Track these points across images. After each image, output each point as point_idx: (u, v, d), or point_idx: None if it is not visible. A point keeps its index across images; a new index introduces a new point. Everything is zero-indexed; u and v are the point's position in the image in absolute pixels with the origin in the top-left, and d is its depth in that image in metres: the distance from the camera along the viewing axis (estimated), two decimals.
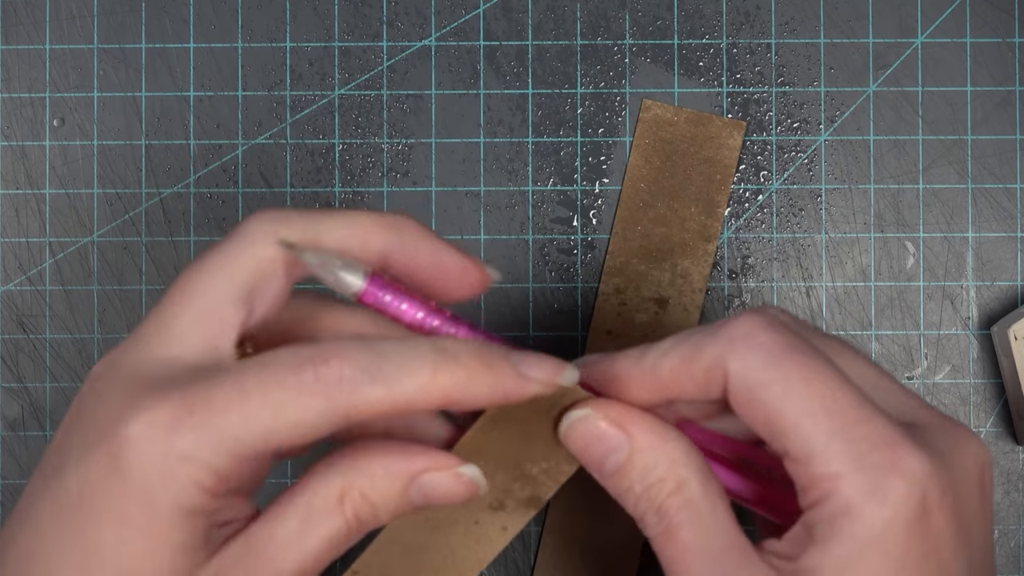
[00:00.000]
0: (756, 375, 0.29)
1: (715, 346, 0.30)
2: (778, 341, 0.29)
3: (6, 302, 0.48)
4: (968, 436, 0.30)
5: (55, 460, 0.30)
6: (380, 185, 0.48)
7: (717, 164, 0.48)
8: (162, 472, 0.28)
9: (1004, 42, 0.49)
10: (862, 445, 0.28)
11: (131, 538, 0.28)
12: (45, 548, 0.29)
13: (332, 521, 0.30)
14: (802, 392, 0.29)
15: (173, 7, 0.49)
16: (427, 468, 0.31)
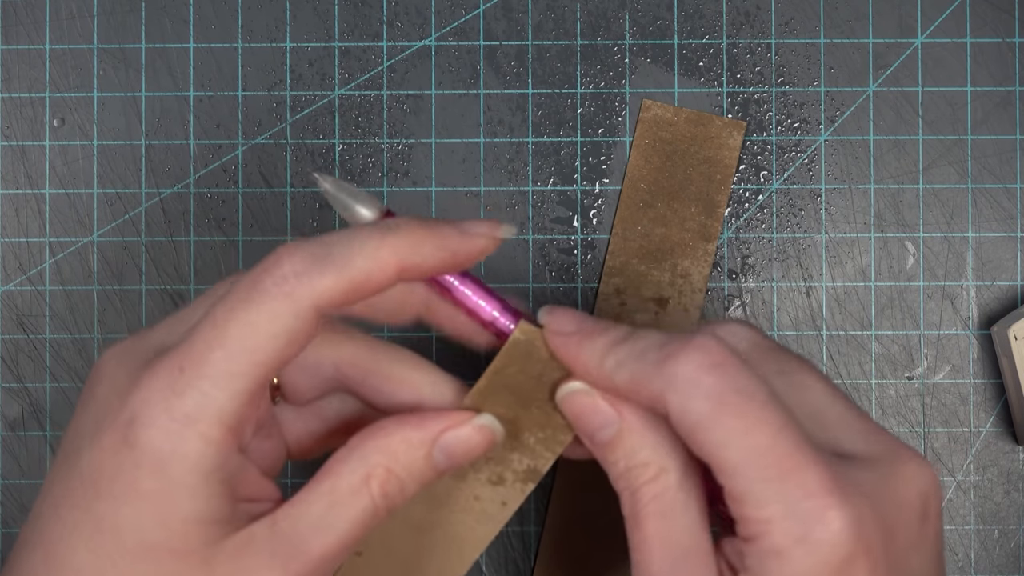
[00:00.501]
0: (694, 418, 0.30)
1: (659, 380, 0.30)
2: (720, 386, 0.30)
3: (6, 302, 0.48)
4: (912, 465, 0.31)
5: (71, 444, 0.31)
6: (380, 185, 0.48)
7: (717, 164, 0.48)
8: (170, 437, 0.29)
9: (1004, 42, 0.49)
10: (795, 493, 0.29)
11: (145, 510, 0.29)
12: (62, 531, 0.29)
13: (359, 502, 0.31)
14: (739, 441, 0.29)
15: (173, 7, 0.49)
16: (444, 429, 0.32)
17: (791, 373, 0.32)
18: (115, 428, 0.29)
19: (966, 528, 0.48)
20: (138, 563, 0.29)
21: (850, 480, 0.29)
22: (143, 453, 0.29)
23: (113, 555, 0.29)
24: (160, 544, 0.29)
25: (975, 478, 0.48)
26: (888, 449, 0.31)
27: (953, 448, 0.48)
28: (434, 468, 0.32)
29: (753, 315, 0.48)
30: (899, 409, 0.48)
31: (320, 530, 0.30)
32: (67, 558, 0.29)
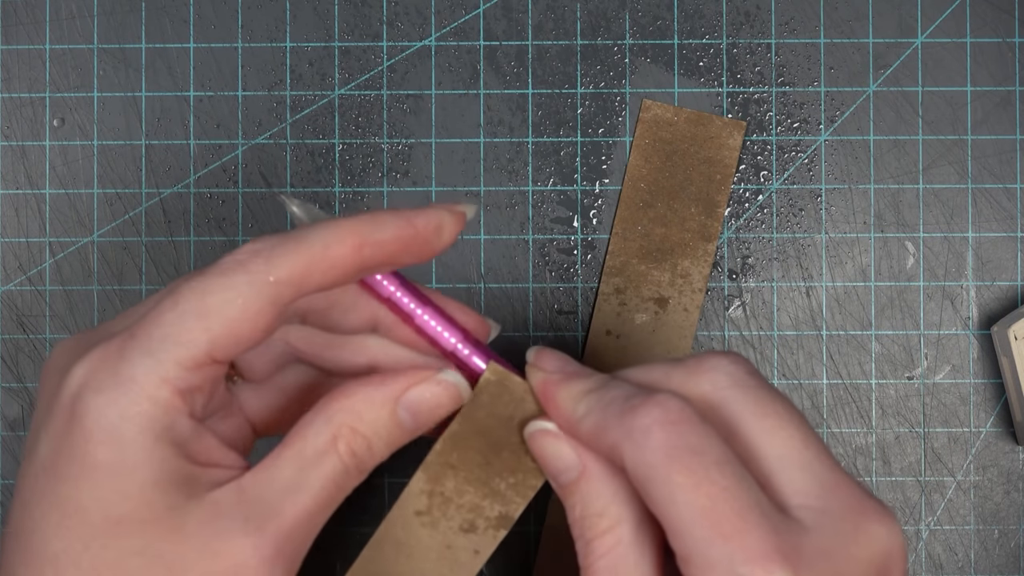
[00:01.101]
0: (644, 472, 0.30)
1: (618, 430, 0.30)
2: (672, 441, 0.29)
3: (6, 302, 0.48)
4: (871, 524, 0.30)
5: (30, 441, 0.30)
6: (380, 185, 0.48)
7: (717, 164, 0.48)
8: (116, 401, 0.28)
9: (1004, 42, 0.49)
10: (737, 556, 0.28)
11: (103, 483, 0.28)
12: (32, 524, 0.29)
13: (329, 463, 0.31)
14: (686, 498, 0.29)
15: (173, 7, 0.49)
16: (407, 386, 0.32)
17: (766, 416, 0.31)
18: (63, 406, 0.29)
19: (966, 528, 0.48)
20: (109, 539, 0.28)
21: (800, 543, 0.29)
22: (92, 423, 0.28)
23: (83, 536, 0.29)
24: (125, 516, 0.28)
25: (975, 478, 0.48)
26: (851, 506, 0.30)
27: (953, 448, 0.48)
28: (401, 427, 0.32)
29: (753, 315, 0.48)
30: (899, 409, 0.48)
31: (292, 492, 0.30)
32: (41, 549, 0.29)
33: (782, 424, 0.31)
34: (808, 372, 0.48)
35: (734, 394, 0.32)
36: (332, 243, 0.30)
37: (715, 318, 0.48)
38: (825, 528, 0.29)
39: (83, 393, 0.29)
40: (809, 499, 0.30)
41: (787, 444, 0.31)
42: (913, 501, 0.48)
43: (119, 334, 0.30)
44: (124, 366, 0.29)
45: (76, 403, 0.29)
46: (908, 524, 0.48)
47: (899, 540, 0.30)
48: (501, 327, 0.35)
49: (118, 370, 0.29)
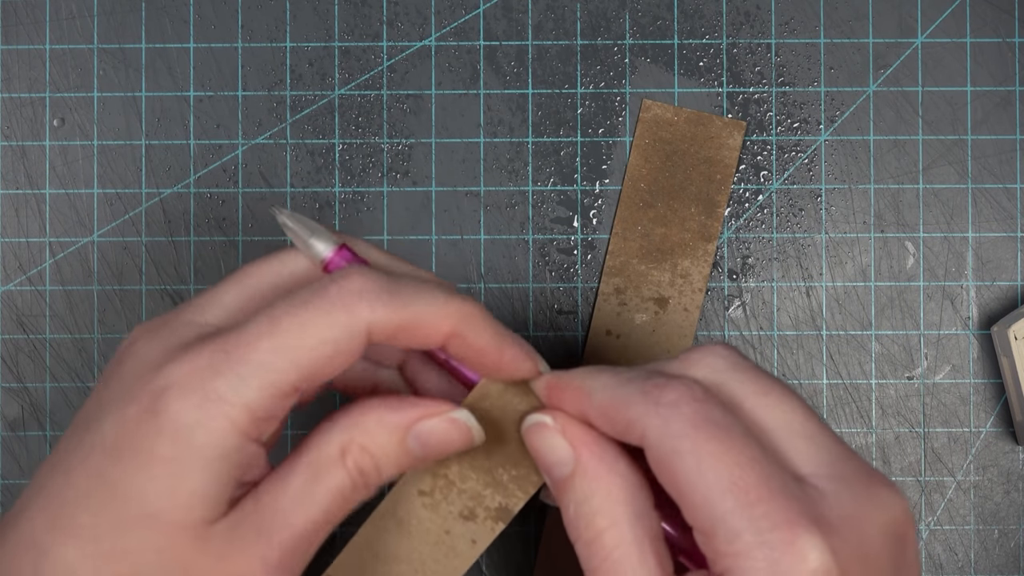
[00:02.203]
0: (671, 443, 0.30)
1: (641, 405, 0.31)
2: (699, 414, 0.30)
3: (6, 302, 0.48)
4: (883, 491, 0.31)
5: (90, 415, 0.31)
6: (380, 185, 0.48)
7: (717, 164, 0.48)
8: (197, 412, 0.29)
9: (1004, 42, 0.49)
10: (762, 523, 0.29)
11: (156, 477, 0.29)
12: (73, 496, 0.30)
13: (336, 475, 0.31)
14: (712, 467, 0.29)
15: (173, 7, 0.49)
16: (420, 417, 0.32)
17: (769, 394, 0.32)
18: (144, 397, 0.30)
19: (966, 528, 0.48)
20: (136, 530, 0.29)
21: (822, 509, 0.29)
22: (167, 421, 0.29)
23: (114, 520, 0.29)
24: (161, 513, 0.29)
25: (975, 478, 0.48)
26: (861, 474, 0.31)
27: (953, 448, 0.48)
28: (409, 454, 0.32)
29: (753, 315, 0.48)
30: (899, 409, 0.48)
31: (301, 504, 0.30)
32: (72, 521, 0.29)
33: (783, 400, 0.32)
34: (808, 372, 0.48)
35: (733, 376, 0.32)
36: (430, 319, 0.31)
37: (715, 318, 0.48)
38: (842, 494, 0.30)
39: (168, 392, 0.30)
40: (820, 468, 0.31)
41: (791, 418, 0.31)
42: (913, 501, 0.48)
43: (212, 342, 0.30)
44: (214, 381, 0.29)
45: (158, 398, 0.30)
46: None
47: (908, 509, 0.31)
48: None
49: (207, 383, 0.29)
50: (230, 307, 0.32)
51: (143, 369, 0.31)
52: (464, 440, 0.33)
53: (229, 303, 0.32)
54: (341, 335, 0.30)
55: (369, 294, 0.30)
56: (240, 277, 0.33)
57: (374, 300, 0.30)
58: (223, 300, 0.32)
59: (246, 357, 0.30)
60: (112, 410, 0.30)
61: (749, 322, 0.48)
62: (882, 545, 0.30)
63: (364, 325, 0.30)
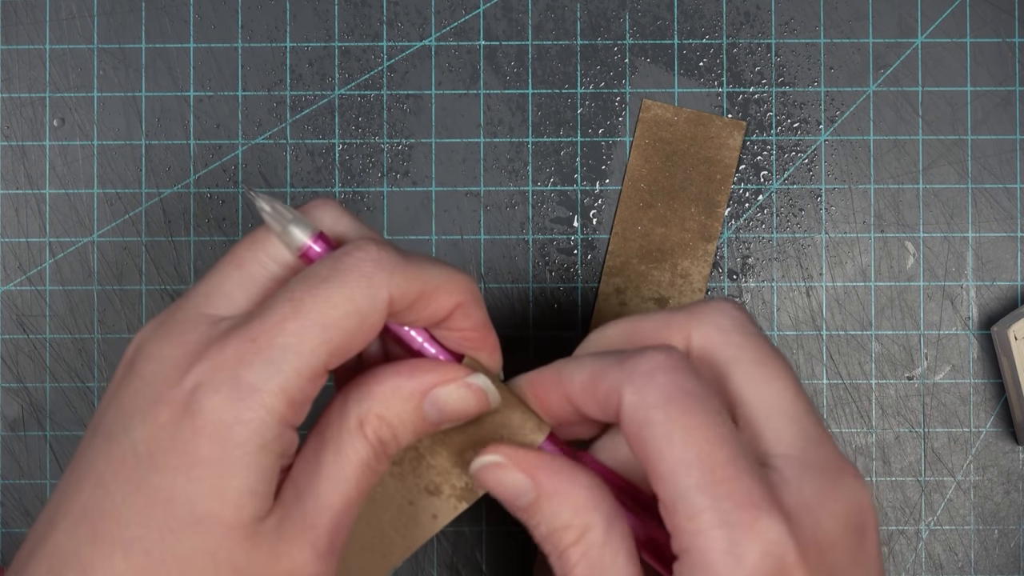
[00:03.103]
0: (644, 413, 0.30)
1: (618, 374, 0.31)
2: (675, 384, 0.30)
3: (6, 302, 0.48)
4: (847, 481, 0.31)
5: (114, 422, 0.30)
6: (380, 185, 0.48)
7: (717, 164, 0.48)
8: (233, 408, 0.29)
9: (1004, 42, 0.49)
10: (726, 503, 0.29)
11: (201, 479, 0.29)
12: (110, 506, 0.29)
13: (359, 448, 0.31)
14: (682, 440, 0.29)
15: (173, 7, 0.49)
16: (435, 383, 0.32)
17: (764, 365, 0.32)
18: (173, 400, 0.29)
19: (966, 528, 0.48)
20: (188, 535, 0.28)
21: (784, 493, 0.30)
22: (204, 420, 0.29)
23: (163, 527, 0.28)
24: (212, 515, 0.28)
25: (975, 478, 0.48)
26: (829, 462, 0.31)
27: (953, 448, 0.48)
28: (426, 420, 0.32)
29: (753, 315, 0.48)
30: (899, 409, 0.48)
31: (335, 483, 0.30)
32: (116, 533, 0.29)
33: (777, 375, 0.32)
34: (808, 372, 0.48)
35: (735, 338, 0.32)
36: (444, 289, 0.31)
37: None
38: (805, 480, 0.30)
39: (200, 391, 0.29)
40: (791, 450, 0.31)
41: (779, 394, 0.31)
42: (913, 501, 0.48)
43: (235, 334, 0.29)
44: (245, 372, 0.29)
45: (191, 400, 0.29)
46: (908, 524, 0.48)
47: (872, 502, 0.31)
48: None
49: (238, 375, 0.29)
50: (236, 296, 0.31)
51: (166, 371, 0.30)
52: (480, 405, 0.33)
53: (233, 292, 0.32)
54: (364, 305, 0.30)
55: (386, 262, 0.30)
56: (236, 262, 0.32)
57: (392, 268, 0.30)
58: (226, 289, 0.32)
59: (274, 342, 0.29)
60: (139, 417, 0.29)
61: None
62: (840, 534, 0.30)
63: (385, 293, 0.30)
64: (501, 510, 0.34)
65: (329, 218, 0.33)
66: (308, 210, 0.33)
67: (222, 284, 0.32)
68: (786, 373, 0.32)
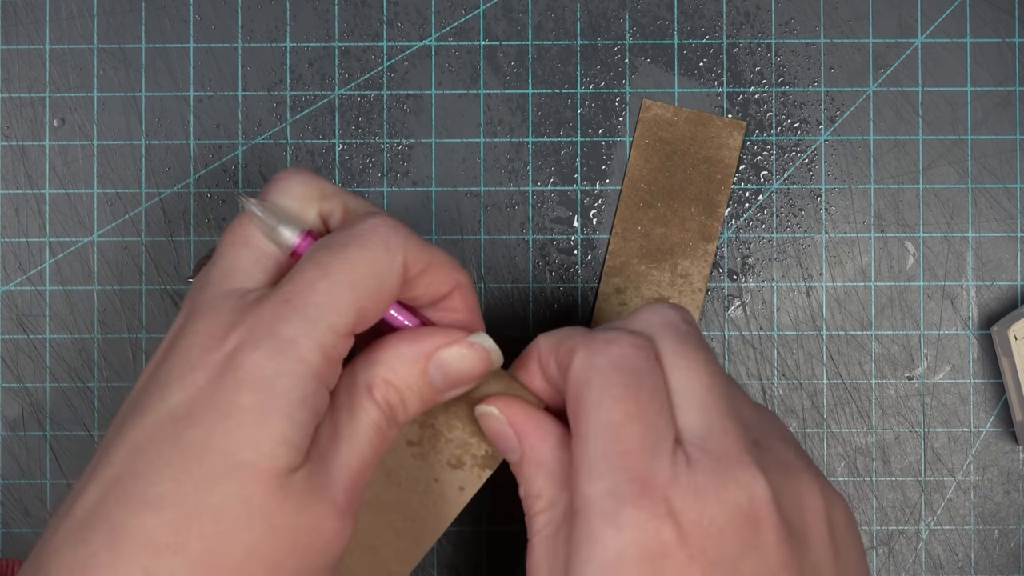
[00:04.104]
0: (587, 373, 0.32)
1: (580, 338, 0.33)
2: (622, 357, 0.32)
3: (6, 302, 0.48)
4: (742, 473, 0.31)
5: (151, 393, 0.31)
6: (380, 185, 0.48)
7: (717, 164, 0.48)
8: (274, 361, 0.30)
9: (1004, 42, 0.49)
10: (620, 475, 0.30)
11: (239, 427, 0.29)
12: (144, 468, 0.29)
13: (370, 410, 0.32)
14: (607, 407, 0.31)
15: (173, 7, 0.49)
16: (439, 346, 0.33)
17: (684, 356, 0.33)
18: (214, 361, 0.30)
19: (966, 528, 0.48)
20: (222, 483, 0.29)
21: (680, 476, 0.31)
22: (246, 373, 0.29)
23: (196, 478, 0.29)
24: (247, 463, 0.29)
25: (975, 478, 0.48)
26: (730, 452, 0.32)
27: (953, 448, 0.48)
28: (432, 385, 0.33)
29: (753, 315, 0.48)
30: (899, 409, 0.48)
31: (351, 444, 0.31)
32: (148, 491, 0.29)
33: (695, 366, 0.33)
34: (808, 372, 0.48)
35: (662, 331, 0.34)
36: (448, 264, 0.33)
37: (715, 318, 0.48)
38: (701, 468, 0.31)
39: (240, 349, 0.30)
40: (694, 437, 0.32)
41: (694, 383, 0.33)
42: (913, 501, 0.48)
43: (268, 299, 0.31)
44: (283, 327, 0.30)
45: (231, 359, 0.30)
46: (908, 524, 0.48)
47: (770, 497, 0.31)
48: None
49: (276, 331, 0.30)
50: (252, 271, 0.33)
51: (204, 341, 0.31)
52: (484, 364, 0.34)
53: (249, 268, 0.33)
54: (384, 267, 0.31)
55: (401, 228, 0.32)
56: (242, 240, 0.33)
57: (406, 235, 0.32)
58: (242, 266, 0.33)
59: (308, 301, 0.30)
60: (177, 384, 0.30)
61: (749, 322, 0.48)
62: (726, 523, 0.31)
63: (401, 257, 0.32)
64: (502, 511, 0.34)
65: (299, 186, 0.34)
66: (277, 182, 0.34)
67: (236, 262, 0.33)
68: (706, 367, 0.33)
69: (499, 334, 0.38)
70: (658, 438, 0.31)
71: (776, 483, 0.32)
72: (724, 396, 0.33)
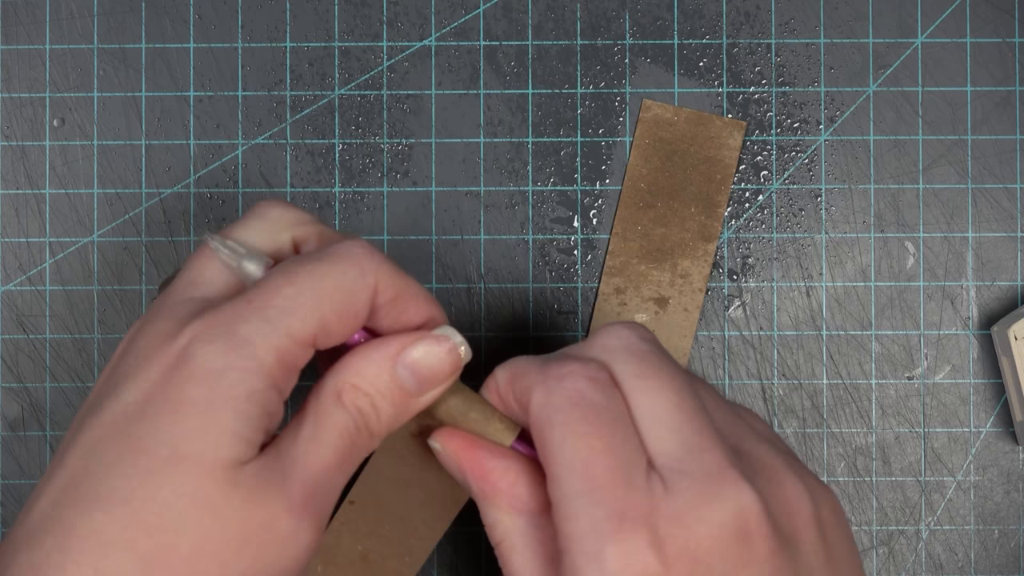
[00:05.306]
0: (547, 412, 0.32)
1: (535, 375, 0.33)
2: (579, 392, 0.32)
3: (6, 302, 0.48)
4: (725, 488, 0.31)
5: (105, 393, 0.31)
6: (380, 185, 0.48)
7: (717, 164, 0.48)
8: (225, 357, 0.30)
9: (1004, 42, 0.49)
10: (598, 510, 0.30)
11: (187, 417, 0.29)
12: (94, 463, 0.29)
13: (338, 416, 0.32)
14: (572, 446, 0.31)
15: (173, 7, 0.49)
16: (404, 344, 0.33)
17: (647, 378, 0.32)
18: (168, 354, 0.30)
19: (966, 528, 0.48)
20: (169, 476, 0.29)
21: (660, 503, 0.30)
22: (195, 367, 0.29)
23: (143, 472, 0.29)
24: (192, 454, 0.29)
25: (975, 478, 0.48)
26: (708, 471, 0.31)
27: (953, 448, 0.48)
28: (402, 387, 0.33)
29: (753, 315, 0.48)
30: (899, 409, 0.48)
31: (314, 447, 0.31)
32: (98, 489, 0.29)
33: (660, 387, 0.32)
34: (808, 372, 0.48)
35: (621, 356, 0.33)
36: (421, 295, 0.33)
37: (715, 318, 0.48)
38: (682, 491, 0.31)
39: (194, 343, 0.30)
40: (671, 460, 0.31)
41: (661, 406, 0.32)
42: (913, 501, 0.48)
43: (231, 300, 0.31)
44: (240, 326, 0.30)
45: (183, 352, 0.30)
46: (908, 524, 0.48)
47: (758, 506, 0.31)
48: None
49: (234, 328, 0.30)
50: (216, 281, 0.33)
51: (158, 340, 0.31)
52: (452, 360, 0.34)
53: (214, 278, 0.33)
54: (353, 285, 0.31)
55: (375, 253, 0.32)
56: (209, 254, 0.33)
57: (379, 260, 0.32)
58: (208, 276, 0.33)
59: (270, 303, 0.30)
60: (131, 380, 0.30)
61: (749, 322, 0.48)
62: (715, 542, 0.30)
63: (372, 279, 0.31)
64: None
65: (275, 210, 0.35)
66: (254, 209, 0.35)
67: (203, 272, 0.33)
68: (671, 385, 0.32)
69: (499, 334, 0.38)
70: (630, 468, 0.31)
71: (763, 491, 0.31)
72: (694, 412, 0.32)
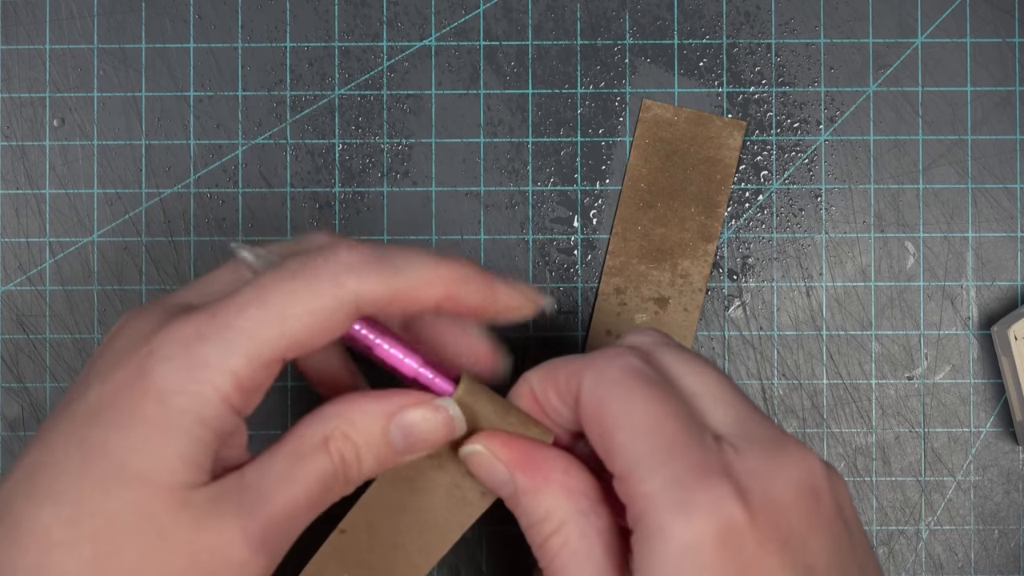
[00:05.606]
0: (604, 388, 0.31)
1: (579, 363, 0.33)
2: (633, 367, 0.32)
3: (6, 302, 0.48)
4: (792, 450, 0.31)
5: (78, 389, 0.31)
6: (380, 185, 0.48)
7: (717, 164, 0.48)
8: (181, 378, 0.29)
9: (1004, 42, 0.49)
10: (677, 465, 0.30)
11: (139, 435, 0.29)
12: (50, 460, 0.30)
13: (319, 460, 0.31)
14: (639, 411, 0.31)
15: (173, 7, 0.49)
16: (403, 405, 0.33)
17: (689, 363, 0.33)
18: (132, 362, 0.30)
19: (966, 528, 0.48)
20: (118, 490, 0.29)
21: (734, 462, 0.30)
22: (151, 384, 0.29)
23: (94, 479, 0.29)
24: (143, 472, 0.29)
25: (975, 478, 0.48)
26: (773, 436, 0.32)
27: (953, 448, 0.48)
28: (391, 446, 0.33)
29: (753, 315, 0.48)
30: (899, 409, 0.48)
31: (284, 483, 0.31)
32: (49, 484, 0.29)
33: (705, 370, 0.33)
34: (808, 372, 0.48)
35: (659, 349, 0.34)
36: (422, 285, 0.32)
37: (715, 318, 0.48)
38: (754, 452, 0.31)
39: (154, 358, 0.30)
40: (735, 429, 0.32)
41: (711, 384, 0.33)
42: (913, 501, 0.48)
43: (200, 311, 0.30)
44: (199, 346, 0.30)
45: (144, 364, 0.30)
46: (908, 524, 0.48)
47: (823, 470, 0.32)
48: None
49: (192, 348, 0.30)
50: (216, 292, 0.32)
51: (133, 341, 0.31)
52: (446, 430, 0.33)
53: (217, 291, 0.33)
54: (329, 305, 0.30)
55: (358, 266, 0.31)
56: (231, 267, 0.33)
57: (363, 271, 0.31)
58: (213, 289, 0.33)
59: (232, 323, 0.30)
60: (98, 379, 0.30)
61: (749, 322, 0.48)
62: (792, 498, 0.30)
63: (352, 297, 0.31)
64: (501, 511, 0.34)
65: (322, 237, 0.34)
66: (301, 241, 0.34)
67: (212, 284, 0.33)
68: (712, 369, 0.33)
69: (499, 335, 0.38)
70: (700, 429, 0.31)
71: None
72: (739, 390, 0.33)
